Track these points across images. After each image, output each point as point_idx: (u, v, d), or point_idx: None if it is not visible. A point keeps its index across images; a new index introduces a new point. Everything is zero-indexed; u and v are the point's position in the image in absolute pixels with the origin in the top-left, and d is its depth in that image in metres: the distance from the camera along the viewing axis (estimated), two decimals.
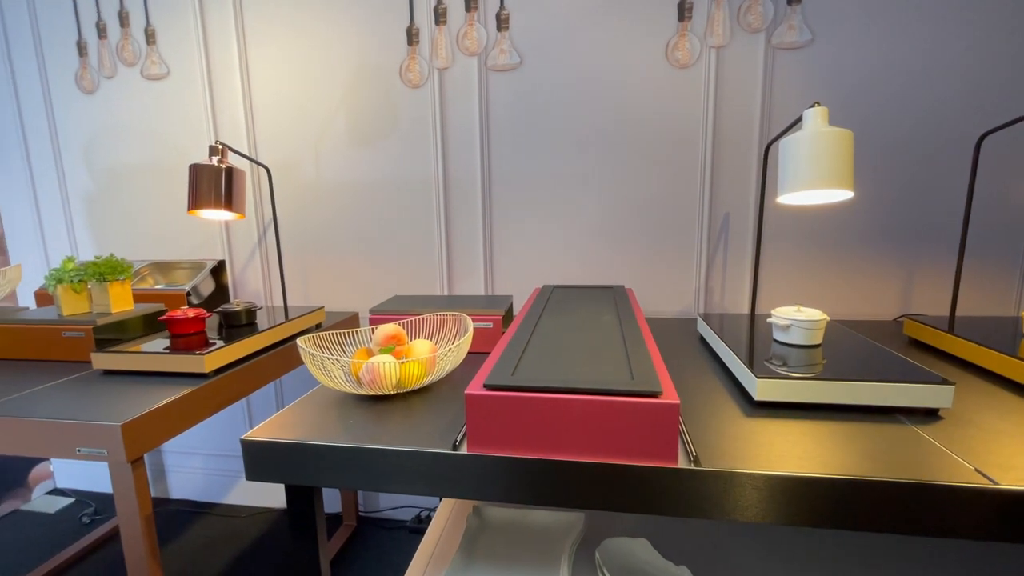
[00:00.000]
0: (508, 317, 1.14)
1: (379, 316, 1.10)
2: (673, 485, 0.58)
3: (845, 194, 0.97)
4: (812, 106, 0.92)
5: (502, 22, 1.38)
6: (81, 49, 1.64)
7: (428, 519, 1.72)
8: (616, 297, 1.12)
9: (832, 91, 1.28)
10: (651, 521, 1.06)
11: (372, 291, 1.61)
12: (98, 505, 1.88)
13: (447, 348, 0.83)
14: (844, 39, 1.25)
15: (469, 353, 1.07)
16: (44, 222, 1.80)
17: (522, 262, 1.50)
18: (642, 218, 1.41)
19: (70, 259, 1.19)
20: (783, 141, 0.95)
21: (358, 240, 1.58)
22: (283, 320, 1.25)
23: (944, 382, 0.69)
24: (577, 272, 1.48)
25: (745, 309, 1.41)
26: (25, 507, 1.87)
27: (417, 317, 1.05)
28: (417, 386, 0.83)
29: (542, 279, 1.50)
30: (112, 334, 1.14)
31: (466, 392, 0.61)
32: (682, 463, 0.58)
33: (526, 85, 1.40)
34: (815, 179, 0.90)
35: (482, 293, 1.53)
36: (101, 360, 1.02)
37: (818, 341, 0.88)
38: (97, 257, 1.20)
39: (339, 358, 0.80)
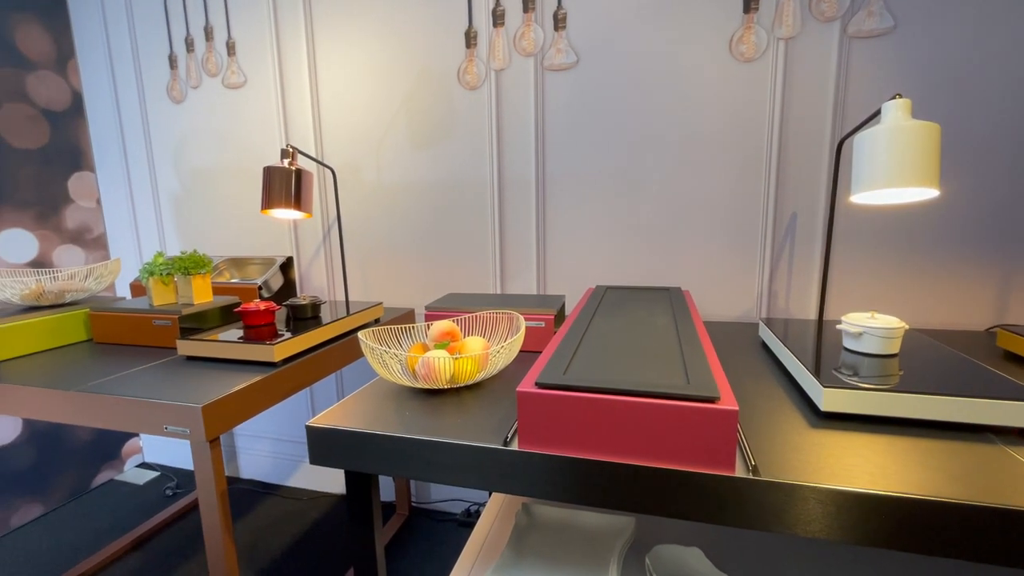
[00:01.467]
0: (560, 317, 1.13)
1: (434, 313, 1.14)
2: (729, 494, 0.56)
3: (929, 192, 0.89)
4: (893, 98, 0.86)
5: (559, 21, 1.38)
6: (172, 62, 1.79)
7: (477, 514, 1.75)
8: (672, 299, 1.09)
9: (916, 82, 1.18)
10: (705, 530, 1.03)
11: (427, 288, 1.66)
12: (179, 480, 2.05)
13: (499, 346, 0.85)
14: (931, 24, 1.15)
15: (521, 352, 1.08)
16: (138, 220, 1.98)
17: (575, 262, 1.49)
18: (701, 218, 1.37)
19: (160, 254, 1.31)
20: (859, 136, 0.89)
21: (415, 238, 1.63)
22: (344, 314, 1.31)
23: None
24: (632, 273, 1.45)
25: (812, 315, 1.34)
26: (119, 477, 2.07)
27: (471, 314, 1.07)
28: (470, 382, 0.85)
29: (595, 279, 1.48)
30: (194, 323, 1.24)
31: (518, 390, 0.62)
32: (739, 472, 0.56)
33: (582, 84, 1.40)
34: (895, 176, 0.84)
35: (534, 292, 1.54)
36: (185, 347, 1.12)
37: (894, 351, 0.82)
38: (183, 252, 1.31)
39: (397, 352, 0.83)
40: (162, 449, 2.18)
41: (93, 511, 1.84)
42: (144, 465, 2.18)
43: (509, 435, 0.67)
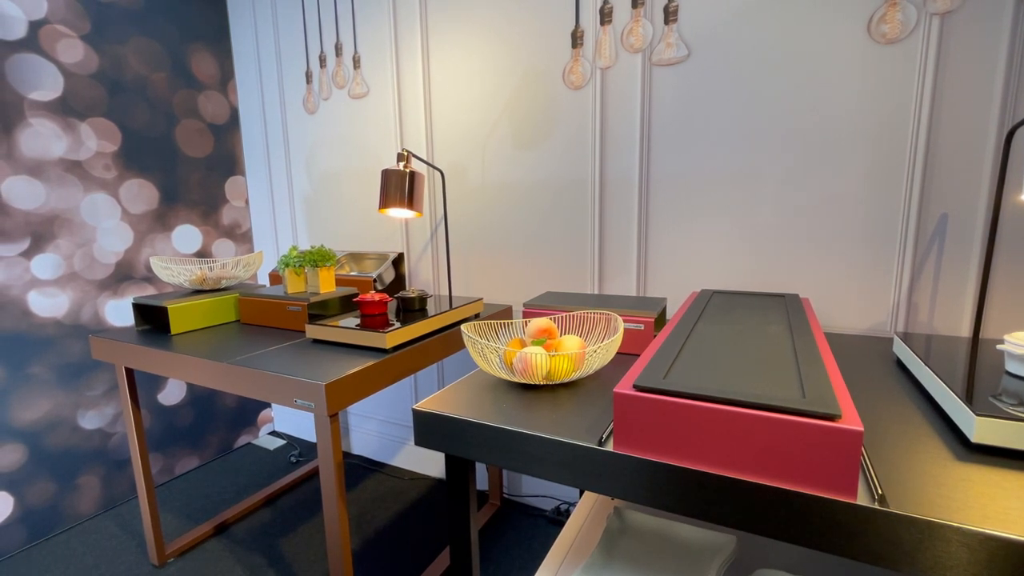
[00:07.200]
0: (661, 320, 1.10)
1: (532, 310, 1.16)
2: (849, 523, 0.51)
3: None
4: None
5: (670, 14, 1.33)
6: (308, 78, 2.01)
7: (567, 513, 1.75)
8: (788, 306, 1.00)
9: None
10: (815, 558, 0.94)
11: (526, 286, 1.69)
12: (301, 449, 2.30)
13: (596, 346, 0.84)
14: None
15: (618, 354, 1.06)
16: (277, 217, 2.26)
17: (679, 265, 1.43)
18: (826, 219, 1.24)
19: (294, 248, 1.48)
20: None
21: (515, 237, 1.68)
22: (448, 308, 1.39)
23: None
24: (741, 278, 1.36)
25: (962, 332, 1.15)
26: (254, 441, 2.39)
27: (568, 313, 1.08)
28: (565, 380, 0.86)
29: (700, 284, 1.41)
30: (320, 310, 1.39)
31: (615, 391, 0.62)
32: (862, 500, 0.51)
33: (693, 78, 1.33)
34: None
35: (633, 294, 1.50)
36: (312, 331, 1.26)
37: None
38: (311, 247, 1.47)
39: (497, 346, 0.87)
40: (289, 420, 2.47)
41: (234, 468, 2.14)
42: (274, 433, 2.48)
43: (604, 435, 0.67)
